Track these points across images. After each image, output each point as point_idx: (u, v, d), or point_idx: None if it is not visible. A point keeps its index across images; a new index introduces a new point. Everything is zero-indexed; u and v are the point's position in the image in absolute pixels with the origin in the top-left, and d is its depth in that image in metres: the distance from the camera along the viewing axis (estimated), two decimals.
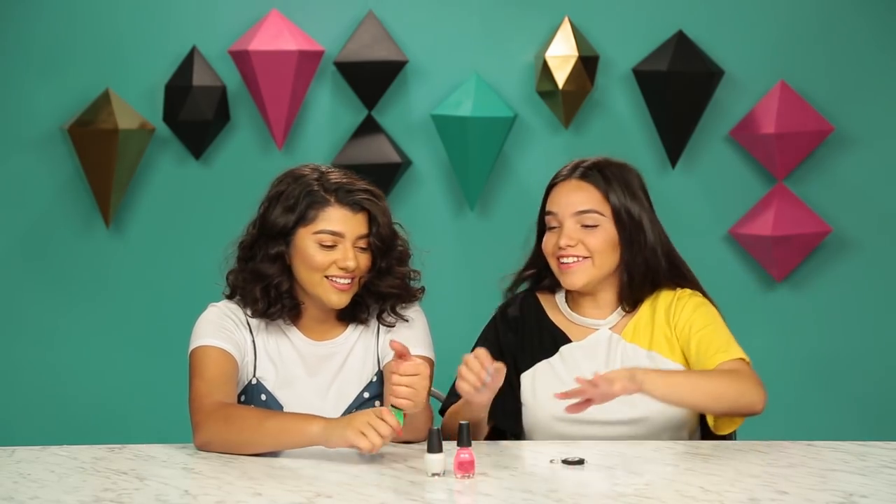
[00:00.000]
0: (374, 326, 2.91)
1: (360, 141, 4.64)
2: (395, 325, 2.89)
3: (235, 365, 2.81)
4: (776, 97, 4.64)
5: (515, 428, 2.96)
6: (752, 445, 2.74)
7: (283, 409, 2.83)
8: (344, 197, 2.81)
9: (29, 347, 4.67)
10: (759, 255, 4.72)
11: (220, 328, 2.82)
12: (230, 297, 2.89)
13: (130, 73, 4.62)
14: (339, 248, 2.80)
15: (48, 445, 2.77)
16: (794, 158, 4.67)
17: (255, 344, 2.86)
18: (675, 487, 2.40)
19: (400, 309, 2.89)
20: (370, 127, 4.66)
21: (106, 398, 4.68)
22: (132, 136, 4.54)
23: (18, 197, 4.64)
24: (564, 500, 2.32)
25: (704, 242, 4.72)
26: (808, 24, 4.71)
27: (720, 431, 2.86)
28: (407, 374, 2.59)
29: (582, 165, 2.96)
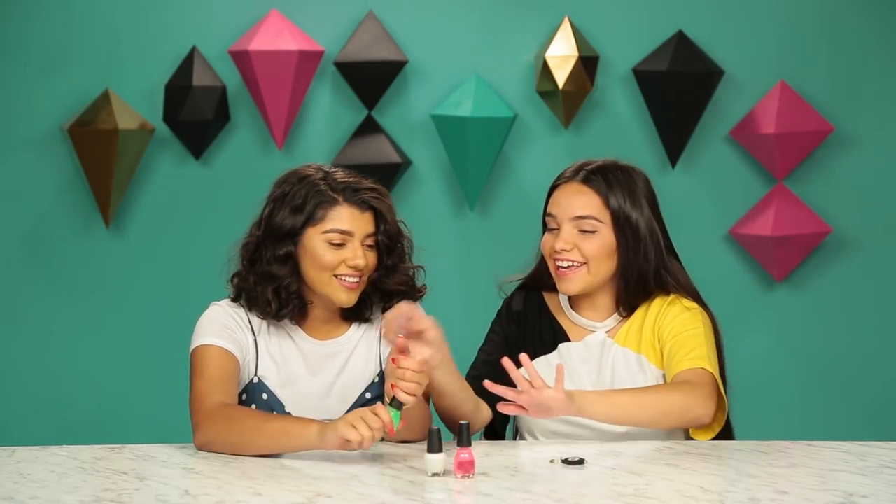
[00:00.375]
0: (377, 326, 2.91)
1: (360, 141, 4.64)
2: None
3: (237, 364, 2.81)
4: (776, 97, 4.64)
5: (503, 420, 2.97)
6: (752, 445, 2.74)
7: (284, 407, 2.83)
8: (351, 196, 2.80)
9: (29, 347, 4.67)
10: (759, 255, 4.72)
11: (222, 327, 2.82)
12: (235, 299, 2.88)
13: (130, 73, 4.62)
14: (347, 246, 2.79)
15: (48, 445, 2.77)
16: (794, 158, 4.67)
17: (256, 343, 2.86)
18: (675, 487, 2.39)
19: None
20: (370, 127, 4.66)
21: (106, 398, 4.68)
22: (132, 136, 4.54)
23: (18, 197, 4.64)
24: (564, 500, 2.32)
25: (704, 242, 4.72)
26: (808, 23, 4.71)
27: (697, 438, 2.85)
28: (412, 368, 2.59)
29: (586, 168, 2.93)
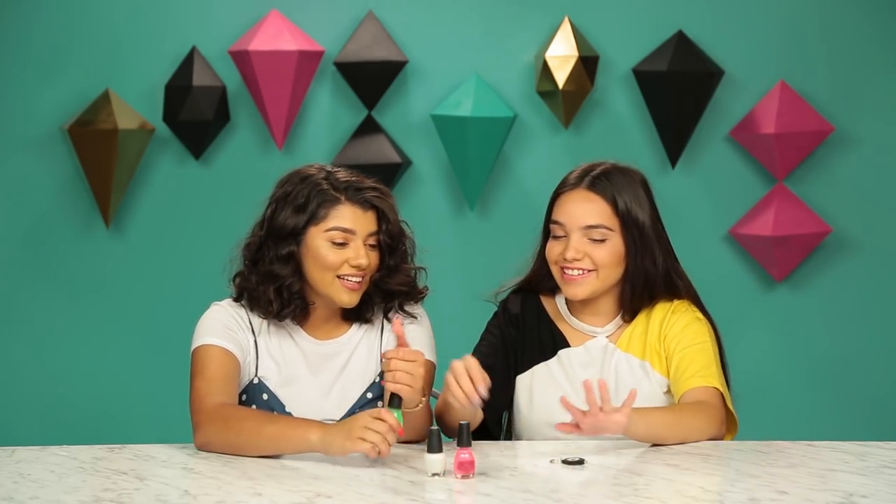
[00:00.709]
0: (378, 326, 2.91)
1: (360, 141, 4.64)
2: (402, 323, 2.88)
3: (237, 365, 2.80)
4: (776, 97, 4.64)
5: (497, 421, 2.96)
6: (752, 445, 2.74)
7: (284, 407, 2.82)
8: (354, 195, 2.80)
9: (29, 347, 4.67)
10: (759, 255, 4.72)
11: (223, 327, 2.82)
12: (237, 299, 2.88)
13: (130, 73, 4.62)
14: (350, 245, 2.79)
15: (48, 445, 2.77)
16: (794, 158, 4.67)
17: (257, 344, 2.85)
18: (675, 487, 2.39)
19: (407, 307, 2.89)
20: (370, 127, 4.66)
21: (106, 398, 4.68)
22: (132, 136, 4.54)
23: (18, 197, 4.64)
24: (564, 500, 2.32)
25: (704, 242, 4.72)
26: (808, 24, 4.71)
27: None
28: (406, 359, 2.59)
29: (591, 174, 2.89)
